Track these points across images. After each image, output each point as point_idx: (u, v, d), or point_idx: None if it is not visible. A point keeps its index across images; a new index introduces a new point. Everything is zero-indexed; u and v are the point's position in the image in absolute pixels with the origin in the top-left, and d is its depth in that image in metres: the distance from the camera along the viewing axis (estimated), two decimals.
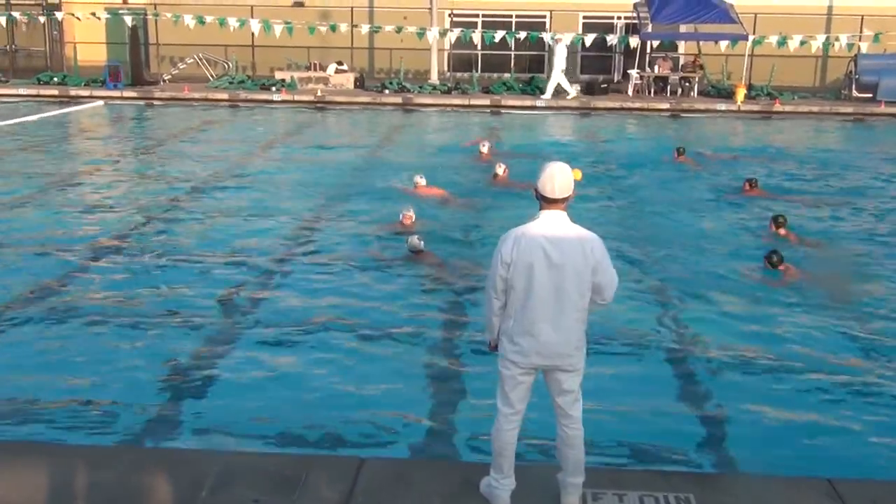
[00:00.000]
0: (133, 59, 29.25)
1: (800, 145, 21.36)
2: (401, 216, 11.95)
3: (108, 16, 29.53)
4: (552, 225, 4.86)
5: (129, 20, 29.00)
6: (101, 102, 26.83)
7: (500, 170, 15.25)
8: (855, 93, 28.20)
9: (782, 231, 11.73)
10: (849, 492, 5.40)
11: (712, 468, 6.17)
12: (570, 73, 32.03)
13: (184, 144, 19.92)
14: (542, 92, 28.09)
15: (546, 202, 4.88)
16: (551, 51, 28.18)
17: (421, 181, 14.45)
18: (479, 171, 16.15)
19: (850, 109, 27.00)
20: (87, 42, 31.82)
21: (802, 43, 28.34)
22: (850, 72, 28.72)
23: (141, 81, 28.82)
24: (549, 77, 28.09)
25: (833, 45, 28.67)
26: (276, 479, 5.38)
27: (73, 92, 27.69)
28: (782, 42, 28.24)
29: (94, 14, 29.48)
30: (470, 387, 7.30)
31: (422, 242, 10.69)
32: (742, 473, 6.06)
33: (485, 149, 17.58)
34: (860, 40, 28.69)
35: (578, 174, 15.72)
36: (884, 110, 26.63)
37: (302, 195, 14.42)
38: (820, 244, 11.89)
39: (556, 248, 4.80)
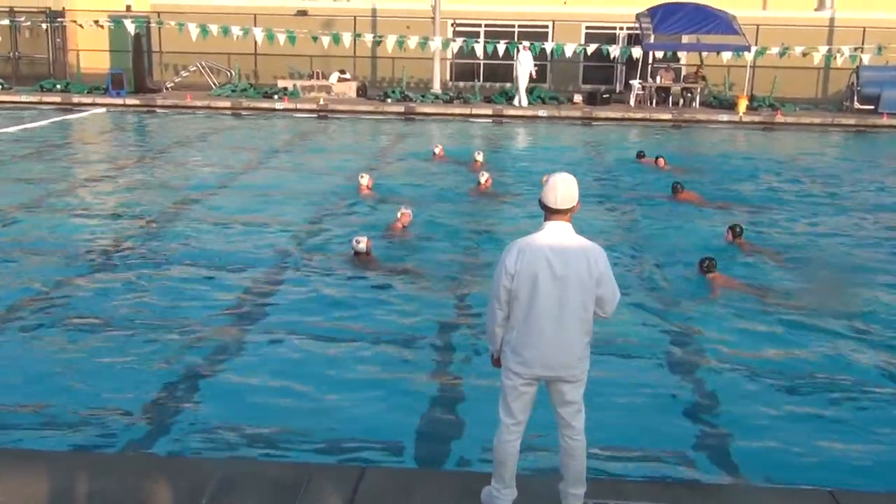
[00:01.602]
0: (136, 67, 29.33)
1: (785, 155, 21.58)
2: (398, 216, 12.11)
3: (112, 23, 29.61)
4: (556, 236, 4.85)
5: (132, 28, 29.07)
6: (103, 110, 26.89)
7: (483, 178, 15.37)
8: (857, 104, 28.22)
9: (738, 240, 11.74)
10: (850, 503, 5.39)
11: (714, 478, 6.15)
12: (572, 83, 32.22)
13: (185, 152, 19.94)
14: (544, 102, 28.26)
15: (550, 213, 4.88)
16: (517, 60, 28.32)
17: (363, 181, 14.82)
18: (472, 180, 16.09)
19: (852, 121, 27.03)
20: (90, 49, 31.93)
21: (804, 54, 28.40)
22: (852, 83, 28.75)
23: (143, 89, 28.89)
24: (518, 85, 28.27)
25: (835, 57, 28.74)
26: (277, 487, 5.38)
27: (75, 99, 27.75)
28: (784, 53, 28.31)
29: (97, 22, 29.54)
30: (472, 396, 7.29)
31: (360, 244, 10.72)
32: (743, 484, 6.05)
33: (480, 157, 17.66)
34: (862, 52, 28.73)
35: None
36: (886, 122, 26.65)
37: (304, 203, 14.44)
38: (778, 254, 11.83)
39: (560, 260, 4.79)
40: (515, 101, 28.03)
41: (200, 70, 30.58)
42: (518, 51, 28.33)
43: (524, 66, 27.89)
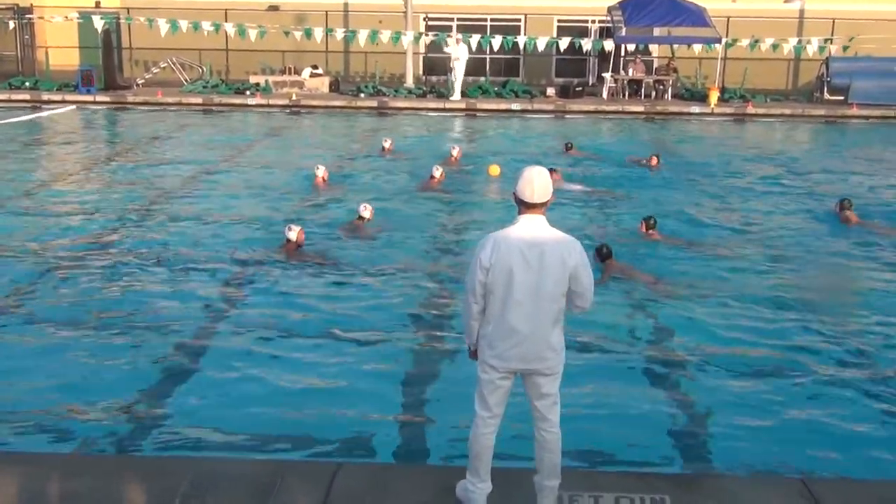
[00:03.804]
0: (106, 64, 29.01)
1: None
2: (366, 215, 12.15)
3: (81, 20, 29.27)
4: (531, 229, 4.85)
5: (101, 24, 28.75)
6: (73, 107, 26.61)
7: (437, 172, 15.36)
8: (827, 95, 28.48)
9: (651, 232, 11.74)
10: (822, 491, 5.44)
11: (688, 469, 6.20)
12: (545, 76, 32.27)
13: (156, 149, 19.79)
14: (518, 96, 28.35)
15: (525, 207, 4.88)
16: (451, 52, 28.24)
17: (318, 172, 15.15)
18: (422, 175, 15.99)
19: (822, 112, 27.24)
20: (60, 46, 31.55)
21: (775, 46, 28.63)
22: (822, 74, 29.00)
23: (114, 86, 28.60)
24: (455, 77, 28.18)
25: (805, 49, 28.97)
26: (251, 485, 5.35)
27: (45, 96, 27.44)
28: (754, 45, 28.52)
29: (66, 18, 29.19)
30: (447, 390, 7.29)
31: (292, 232, 10.86)
32: (717, 474, 6.09)
33: (455, 152, 17.65)
34: (831, 43, 29.00)
35: (496, 170, 16.06)
36: (855, 112, 26.89)
37: (275, 199, 14.39)
38: (690, 244, 11.87)
39: (535, 253, 4.79)
40: (455, 95, 27.86)
41: (171, 66, 30.31)
42: (447, 43, 28.28)
43: (461, 58, 27.83)
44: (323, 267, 10.55)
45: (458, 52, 27.90)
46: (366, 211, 12.13)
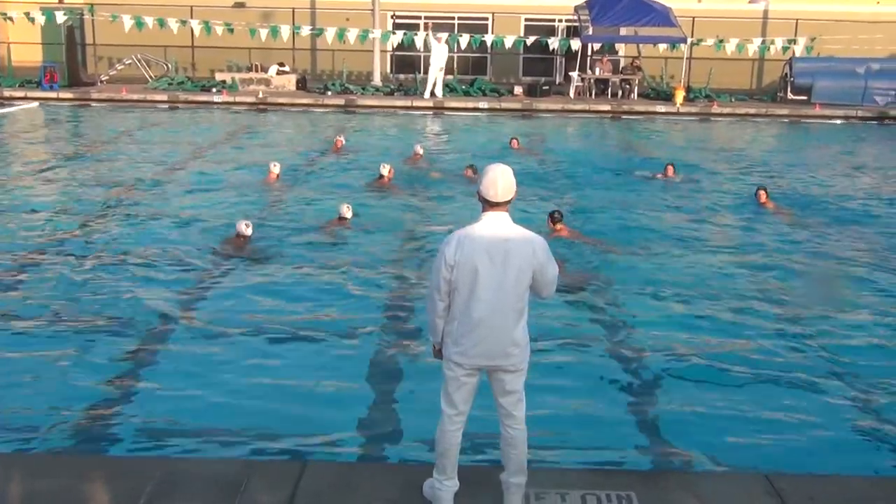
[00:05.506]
0: (69, 60, 28.67)
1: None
2: (339, 212, 12.19)
3: (44, 16, 28.89)
4: (496, 226, 4.86)
5: (64, 19, 28.37)
6: (36, 104, 26.28)
7: (385, 170, 15.19)
8: (790, 95, 28.82)
9: (559, 226, 11.57)
10: (786, 486, 5.50)
11: (653, 466, 6.24)
12: (512, 75, 32.35)
13: (121, 147, 19.58)
14: (484, 94, 28.38)
15: (489, 205, 4.89)
16: (429, 49, 28.15)
17: (275, 168, 15.24)
18: (373, 173, 15.85)
19: (785, 111, 27.55)
20: (22, 42, 31.15)
21: (740, 47, 28.94)
22: (786, 75, 29.35)
23: (77, 82, 28.28)
24: (427, 74, 28.10)
25: (769, 49, 29.31)
26: (217, 485, 5.32)
27: (7, 93, 27.07)
28: (719, 45, 28.80)
29: (27, 14, 28.78)
30: (413, 388, 7.29)
31: (249, 229, 10.99)
32: (682, 470, 6.14)
33: (420, 150, 17.58)
34: (795, 44, 29.37)
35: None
36: (818, 112, 27.22)
37: (241, 197, 14.31)
38: (601, 241, 11.90)
39: (500, 250, 4.81)
40: (427, 94, 27.77)
41: (136, 63, 30.01)
42: (430, 41, 28.19)
43: (437, 56, 27.76)
44: (285, 264, 10.52)
45: (437, 51, 27.77)
46: (348, 211, 12.09)
